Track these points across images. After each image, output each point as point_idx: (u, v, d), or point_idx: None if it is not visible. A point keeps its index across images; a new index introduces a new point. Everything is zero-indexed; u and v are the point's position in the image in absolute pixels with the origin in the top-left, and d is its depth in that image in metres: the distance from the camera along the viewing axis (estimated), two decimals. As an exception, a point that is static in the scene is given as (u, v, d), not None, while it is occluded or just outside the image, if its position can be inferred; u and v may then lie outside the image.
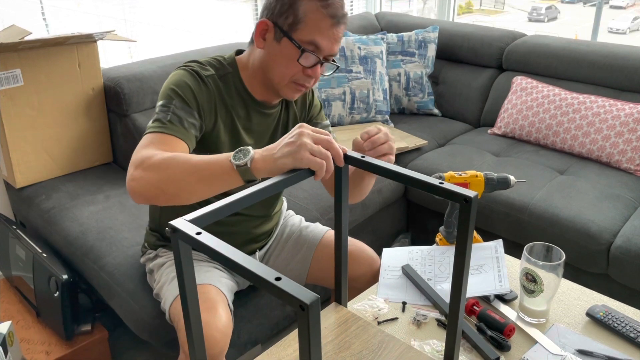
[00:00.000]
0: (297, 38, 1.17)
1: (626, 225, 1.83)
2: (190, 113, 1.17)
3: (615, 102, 2.21)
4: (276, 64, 1.21)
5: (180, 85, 1.18)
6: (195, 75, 1.21)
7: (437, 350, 1.06)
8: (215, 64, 1.27)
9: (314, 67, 1.20)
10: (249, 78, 1.28)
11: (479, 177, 1.31)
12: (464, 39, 2.76)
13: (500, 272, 1.22)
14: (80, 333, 1.72)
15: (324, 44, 1.17)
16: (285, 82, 1.22)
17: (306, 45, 1.17)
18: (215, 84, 1.24)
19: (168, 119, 1.13)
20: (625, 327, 1.09)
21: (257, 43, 1.22)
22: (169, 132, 1.11)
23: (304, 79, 1.22)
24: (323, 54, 1.19)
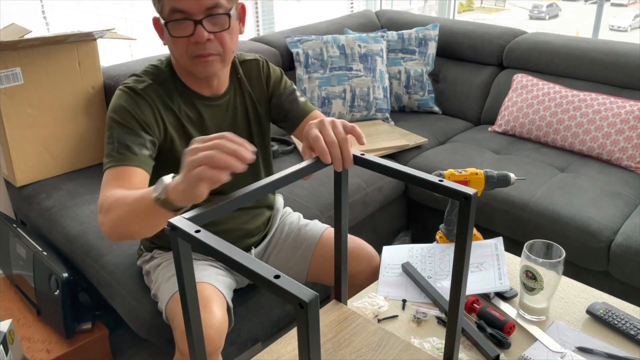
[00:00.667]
0: (164, 15, 1.15)
1: (626, 222, 1.83)
2: (135, 134, 1.16)
3: (616, 100, 2.21)
4: (172, 51, 1.20)
5: (116, 110, 1.18)
6: (129, 93, 1.20)
7: (437, 347, 1.06)
8: (152, 70, 1.26)
9: (195, 33, 1.14)
10: (182, 73, 1.27)
11: (479, 174, 1.31)
12: (464, 37, 2.76)
13: (500, 270, 1.22)
14: (81, 331, 1.72)
15: (182, 4, 1.12)
16: (188, 61, 1.18)
17: (170, 16, 1.13)
18: (155, 93, 1.23)
19: (115, 150, 1.14)
20: (625, 325, 1.09)
21: (162, 40, 1.22)
22: (120, 163, 1.12)
23: (197, 49, 1.16)
24: (195, 16, 1.13)
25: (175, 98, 1.26)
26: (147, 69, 1.27)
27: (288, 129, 1.44)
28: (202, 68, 1.19)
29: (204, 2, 1.12)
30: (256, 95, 1.38)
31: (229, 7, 1.17)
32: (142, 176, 1.13)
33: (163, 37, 1.21)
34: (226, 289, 1.37)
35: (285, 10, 3.32)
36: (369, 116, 2.58)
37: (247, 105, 1.37)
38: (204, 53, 1.17)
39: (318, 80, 2.52)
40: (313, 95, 2.50)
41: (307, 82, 2.52)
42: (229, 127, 1.34)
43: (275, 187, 0.82)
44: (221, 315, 1.24)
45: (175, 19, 1.13)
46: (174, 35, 1.15)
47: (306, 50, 2.53)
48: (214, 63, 1.19)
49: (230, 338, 1.58)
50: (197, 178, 0.77)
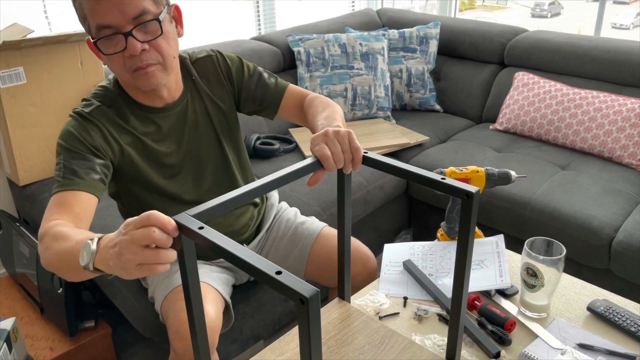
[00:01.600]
0: (92, 34, 1.09)
1: (628, 220, 1.83)
2: (83, 159, 1.13)
3: (617, 97, 2.21)
4: (112, 70, 1.15)
5: (64, 136, 1.16)
6: (77, 118, 1.17)
7: (439, 344, 1.06)
8: (100, 92, 1.22)
9: (128, 45, 1.08)
10: (131, 91, 1.23)
11: (480, 172, 1.31)
12: (465, 35, 2.76)
13: (501, 267, 1.23)
14: (84, 329, 1.73)
15: (105, 19, 1.05)
16: (128, 76, 1.13)
17: (99, 34, 1.07)
18: (104, 115, 1.19)
19: (61, 175, 1.11)
20: (626, 322, 1.09)
21: (101, 60, 1.16)
22: (65, 188, 1.09)
23: (134, 62, 1.10)
24: (123, 28, 1.07)
25: (128, 116, 1.22)
26: (96, 91, 1.23)
27: (269, 115, 1.40)
28: (145, 81, 1.14)
29: (128, 11, 1.06)
30: (217, 94, 1.33)
31: (158, 11, 1.10)
32: (86, 200, 1.10)
33: (101, 57, 1.15)
34: (222, 286, 1.37)
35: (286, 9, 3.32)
36: (370, 115, 2.58)
37: (207, 106, 1.32)
38: (142, 65, 1.11)
39: (319, 79, 2.52)
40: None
41: (308, 81, 2.52)
42: (191, 132, 1.30)
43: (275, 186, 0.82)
44: (214, 313, 1.24)
45: (104, 36, 1.07)
46: (107, 53, 1.09)
47: (307, 49, 2.54)
48: (155, 73, 1.13)
49: (232, 336, 1.59)
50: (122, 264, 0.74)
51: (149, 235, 0.70)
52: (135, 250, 0.71)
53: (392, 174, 0.87)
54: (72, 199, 1.08)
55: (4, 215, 1.99)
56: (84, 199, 1.10)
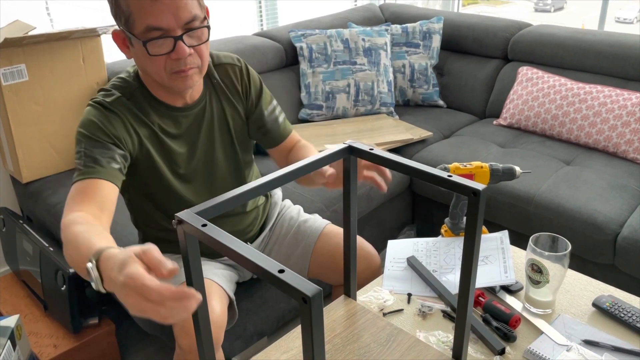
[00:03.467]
0: (137, 32, 1.07)
1: (633, 215, 1.82)
2: (104, 147, 1.12)
3: (622, 92, 2.19)
4: (145, 67, 1.14)
5: (85, 125, 1.14)
6: (99, 107, 1.16)
7: (443, 341, 1.06)
8: (120, 83, 1.21)
9: (175, 49, 1.08)
10: (151, 85, 1.22)
11: (484, 168, 1.31)
12: (468, 30, 2.74)
13: (505, 263, 1.22)
14: (88, 326, 1.73)
15: (160, 22, 1.05)
16: (165, 77, 1.13)
17: (147, 35, 1.06)
18: (125, 106, 1.18)
19: (82, 164, 1.10)
20: (632, 318, 1.08)
21: (125, 54, 1.15)
22: (87, 176, 1.08)
23: (177, 64, 1.11)
24: (174, 32, 1.07)
25: (148, 111, 1.22)
26: (115, 83, 1.22)
27: (264, 145, 1.42)
28: (182, 82, 1.15)
29: (182, 16, 1.06)
30: (234, 100, 1.33)
31: (202, 16, 1.12)
32: (108, 189, 1.09)
33: (128, 51, 1.14)
34: (227, 282, 1.37)
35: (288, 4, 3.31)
36: (373, 110, 2.57)
37: (224, 109, 1.32)
38: (185, 68, 1.12)
39: (322, 75, 2.51)
40: (317, 89, 2.50)
41: (311, 77, 2.52)
42: (206, 134, 1.30)
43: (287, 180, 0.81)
44: (220, 310, 1.24)
45: (153, 37, 1.07)
46: (153, 54, 1.08)
47: (310, 45, 2.53)
48: (193, 76, 1.15)
49: (236, 332, 1.59)
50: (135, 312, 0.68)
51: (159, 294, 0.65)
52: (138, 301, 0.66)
53: (398, 170, 0.86)
54: (93, 188, 1.07)
55: (7, 213, 1.99)
56: (106, 188, 1.08)
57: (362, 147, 0.90)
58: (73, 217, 1.00)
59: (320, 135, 2.35)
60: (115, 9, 1.09)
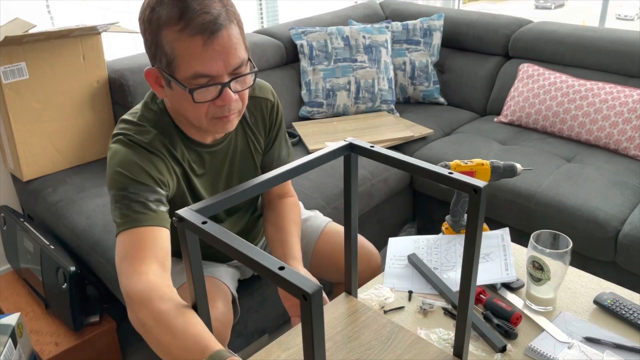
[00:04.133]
0: (181, 77, 0.99)
1: (634, 212, 1.82)
2: (150, 190, 1.05)
3: (623, 89, 2.19)
4: (183, 110, 1.07)
5: (126, 165, 1.05)
6: (137, 147, 1.07)
7: (444, 338, 1.06)
8: (151, 117, 1.12)
9: (221, 96, 1.02)
10: (181, 122, 1.15)
11: (485, 165, 1.30)
12: (469, 27, 2.74)
13: (506, 261, 1.22)
14: (89, 324, 1.73)
15: (209, 69, 0.98)
16: (204, 122, 1.06)
17: (194, 82, 0.99)
18: (162, 144, 1.11)
19: (130, 209, 1.01)
20: (633, 315, 1.08)
21: (158, 93, 1.08)
22: (140, 224, 1.00)
23: (220, 111, 1.04)
24: (221, 78, 1.00)
25: (179, 147, 1.15)
26: (144, 115, 1.13)
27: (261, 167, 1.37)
28: (222, 127, 1.08)
29: (232, 62, 1.00)
30: (258, 134, 1.29)
31: (248, 58, 1.05)
32: (164, 237, 1.01)
33: (161, 90, 1.07)
34: (229, 280, 1.37)
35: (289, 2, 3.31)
36: (373, 108, 2.57)
37: (249, 142, 1.28)
38: (228, 114, 1.06)
39: (322, 72, 2.51)
40: (318, 87, 2.50)
41: (311, 74, 2.51)
42: (228, 168, 1.26)
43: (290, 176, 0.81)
44: (224, 308, 1.23)
45: (201, 85, 0.99)
46: (198, 101, 1.01)
47: (310, 42, 2.52)
48: (233, 120, 1.09)
49: (237, 329, 1.59)
50: None
51: None
52: None
53: (399, 168, 0.86)
54: (151, 238, 0.99)
55: (8, 211, 1.99)
56: (161, 236, 1.01)
57: (363, 145, 0.90)
58: (145, 286, 0.92)
59: (321, 133, 2.35)
60: (155, 50, 1.00)
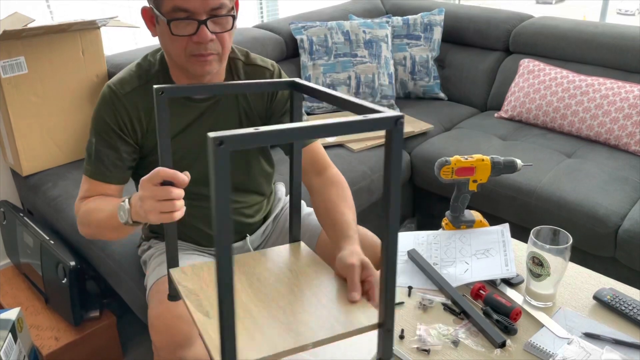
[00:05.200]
0: (163, 11, 1.08)
1: (634, 208, 1.82)
2: (111, 147, 1.21)
3: (624, 84, 2.18)
4: (165, 46, 1.15)
5: (96, 118, 1.22)
6: (112, 99, 1.20)
7: (444, 334, 1.06)
8: (144, 66, 1.24)
9: (198, 32, 1.09)
10: (173, 70, 1.23)
11: (486, 161, 1.30)
12: (470, 21, 2.73)
13: (506, 256, 1.22)
14: (89, 319, 1.73)
15: (186, 3, 1.06)
16: (184, 59, 1.13)
17: (173, 14, 1.07)
18: (140, 97, 1.20)
19: (92, 162, 1.22)
20: (632, 310, 1.08)
21: (151, 32, 1.17)
22: (95, 177, 1.22)
23: (197, 48, 1.11)
24: (199, 15, 1.08)
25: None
26: (140, 63, 1.24)
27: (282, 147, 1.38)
28: (200, 67, 1.15)
29: (210, 2, 1.08)
30: (253, 104, 1.30)
31: (231, 6, 1.12)
32: (114, 189, 1.24)
33: (154, 29, 1.16)
34: None
35: (289, -4, 3.30)
36: (374, 103, 2.56)
37: (240, 109, 1.29)
38: (204, 53, 1.12)
39: (322, 67, 2.50)
40: (318, 82, 2.49)
41: (311, 69, 2.51)
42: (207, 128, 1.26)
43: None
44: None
45: (178, 18, 1.08)
46: (175, 34, 1.10)
47: (310, 37, 2.52)
48: (212, 62, 1.15)
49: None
50: (147, 214, 0.94)
51: (168, 192, 0.90)
52: (155, 205, 0.91)
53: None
54: (100, 188, 1.23)
55: (8, 206, 1.99)
56: (112, 189, 1.24)
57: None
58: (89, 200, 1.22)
59: (321, 128, 2.35)
60: None
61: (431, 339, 1.05)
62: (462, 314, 1.11)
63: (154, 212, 0.91)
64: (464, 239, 1.31)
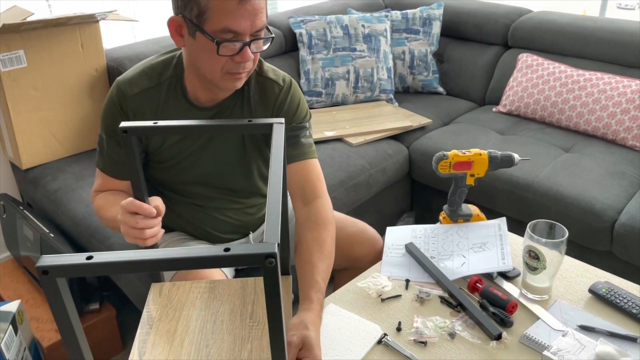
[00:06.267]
0: (209, 29, 1.06)
1: (631, 202, 1.83)
2: (119, 145, 1.22)
3: (622, 79, 2.19)
4: (200, 61, 1.12)
5: (104, 115, 1.24)
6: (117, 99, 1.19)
7: (440, 326, 1.07)
8: (158, 68, 1.21)
9: (241, 53, 1.09)
10: (189, 77, 1.21)
11: (483, 155, 1.31)
12: (469, 16, 2.73)
13: (503, 250, 1.23)
14: (89, 311, 1.75)
15: (238, 26, 1.06)
16: (218, 75, 1.12)
17: (221, 35, 1.06)
18: (147, 99, 1.20)
19: (104, 159, 1.26)
20: (627, 304, 1.09)
21: (176, 42, 1.14)
22: (106, 172, 1.27)
23: (236, 67, 1.11)
24: (244, 37, 1.08)
25: (169, 102, 1.22)
26: (153, 65, 1.22)
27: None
28: (231, 83, 1.15)
29: (257, 24, 1.08)
30: (256, 114, 1.28)
31: (266, 25, 1.13)
32: (125, 184, 1.28)
33: (181, 40, 1.13)
34: (229, 270, 1.40)
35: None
36: (372, 97, 2.57)
37: (243, 116, 1.27)
38: (241, 71, 1.12)
39: (321, 61, 2.50)
40: (317, 76, 2.50)
41: (310, 63, 2.51)
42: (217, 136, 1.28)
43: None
44: None
45: (226, 39, 1.07)
46: (222, 54, 1.08)
47: (309, 31, 2.52)
48: (242, 79, 1.16)
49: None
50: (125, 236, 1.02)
51: (135, 222, 0.97)
52: (127, 230, 0.99)
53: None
54: (112, 183, 1.28)
55: (8, 199, 2.00)
56: (123, 184, 1.28)
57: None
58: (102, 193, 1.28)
59: (320, 123, 2.35)
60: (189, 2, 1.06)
61: (428, 331, 1.06)
62: (458, 307, 1.12)
63: (127, 236, 1.00)
64: (462, 232, 1.32)
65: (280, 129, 0.83)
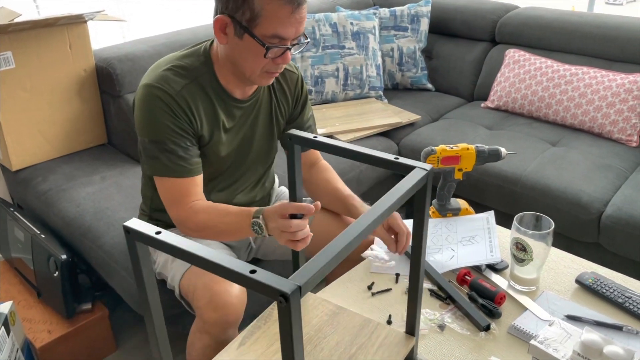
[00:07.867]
0: (259, 33, 1.12)
1: (617, 194, 1.85)
2: (182, 138, 1.21)
3: (607, 73, 2.21)
4: (243, 60, 1.18)
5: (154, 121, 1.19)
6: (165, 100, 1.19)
7: (430, 319, 1.09)
8: (188, 66, 1.24)
9: (283, 56, 1.18)
10: (222, 72, 1.26)
11: (471, 149, 1.33)
12: (456, 12, 2.75)
13: (491, 243, 1.25)
14: (81, 312, 1.74)
15: (287, 33, 1.13)
16: (256, 73, 1.20)
17: (270, 40, 1.13)
18: (189, 93, 1.22)
19: (170, 160, 1.20)
20: (613, 293, 1.12)
21: (219, 39, 1.18)
22: (179, 175, 1.22)
23: (275, 67, 1.20)
24: (288, 42, 1.16)
25: (210, 97, 1.26)
26: (181, 64, 1.23)
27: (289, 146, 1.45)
28: (267, 80, 1.24)
29: (300, 31, 1.17)
30: (283, 101, 1.39)
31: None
32: (199, 182, 1.26)
33: (224, 38, 1.17)
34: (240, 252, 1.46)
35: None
36: (362, 94, 2.58)
37: (272, 105, 1.38)
38: (278, 71, 1.22)
39: (311, 59, 2.51)
40: (306, 74, 2.50)
41: (299, 61, 2.52)
42: (251, 125, 1.35)
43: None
44: (239, 289, 1.25)
45: (275, 45, 1.14)
46: (268, 57, 1.16)
47: (298, 29, 2.52)
48: (275, 77, 1.25)
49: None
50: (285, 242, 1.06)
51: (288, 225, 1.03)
52: (280, 234, 1.05)
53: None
54: (190, 185, 1.24)
55: (-2, 201, 1.99)
56: (198, 180, 1.25)
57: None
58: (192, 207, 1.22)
59: (310, 120, 2.36)
60: (240, 3, 1.11)
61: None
62: (448, 299, 1.14)
63: (281, 241, 1.06)
64: (450, 226, 1.34)
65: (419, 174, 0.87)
